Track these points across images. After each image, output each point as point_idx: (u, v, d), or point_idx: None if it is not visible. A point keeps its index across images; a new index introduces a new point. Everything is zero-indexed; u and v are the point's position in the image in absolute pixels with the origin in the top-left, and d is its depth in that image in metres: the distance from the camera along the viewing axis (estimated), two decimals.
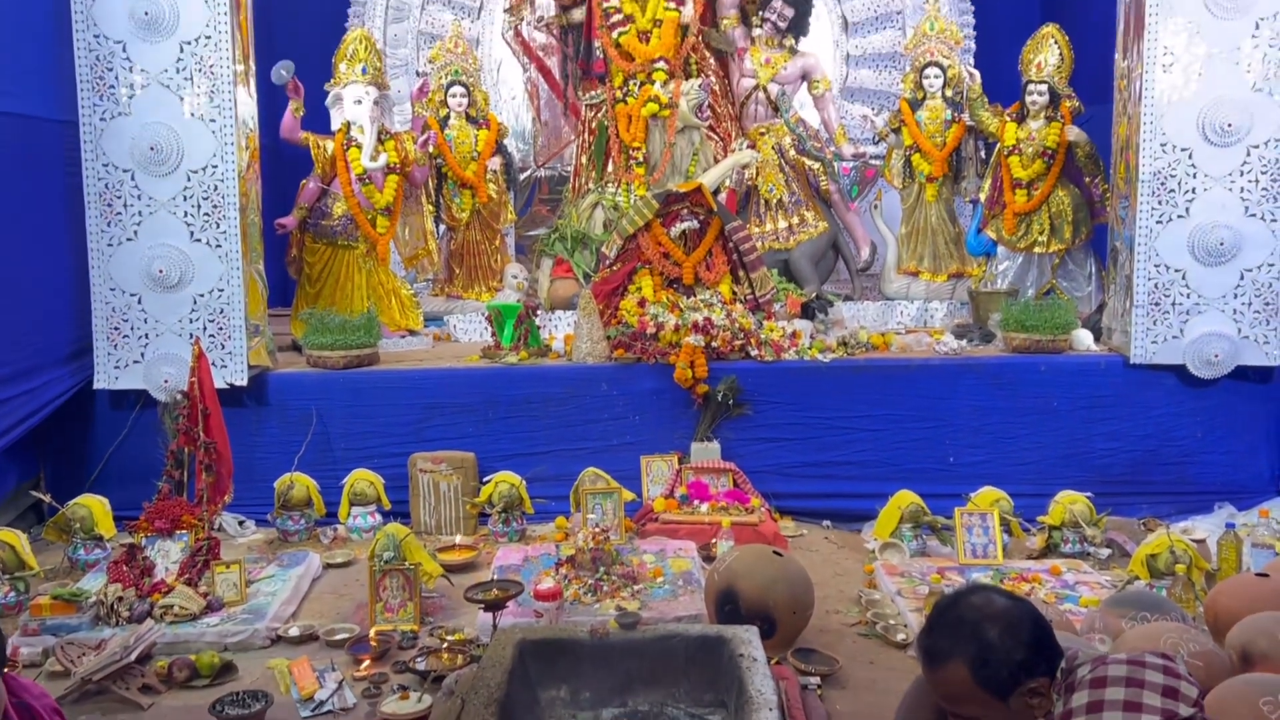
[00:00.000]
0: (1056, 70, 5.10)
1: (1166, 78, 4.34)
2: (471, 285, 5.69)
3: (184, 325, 4.30)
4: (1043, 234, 5.19)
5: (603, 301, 4.81)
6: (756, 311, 4.83)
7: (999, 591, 1.81)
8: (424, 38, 6.32)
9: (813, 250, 5.73)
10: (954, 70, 5.59)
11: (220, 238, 4.28)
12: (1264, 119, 4.28)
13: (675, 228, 4.92)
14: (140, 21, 4.15)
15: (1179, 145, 4.35)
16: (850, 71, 6.57)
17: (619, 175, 5.65)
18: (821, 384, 4.50)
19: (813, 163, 5.82)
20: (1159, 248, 4.40)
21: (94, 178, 4.22)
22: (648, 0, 5.48)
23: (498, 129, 5.70)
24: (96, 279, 4.27)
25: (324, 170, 4.96)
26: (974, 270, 5.55)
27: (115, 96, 4.20)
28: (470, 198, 5.61)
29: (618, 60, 5.55)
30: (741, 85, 5.89)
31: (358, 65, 4.94)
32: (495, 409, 4.46)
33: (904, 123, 5.65)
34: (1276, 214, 4.33)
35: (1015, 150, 5.18)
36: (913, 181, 5.70)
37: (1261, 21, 4.26)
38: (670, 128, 5.53)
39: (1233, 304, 4.40)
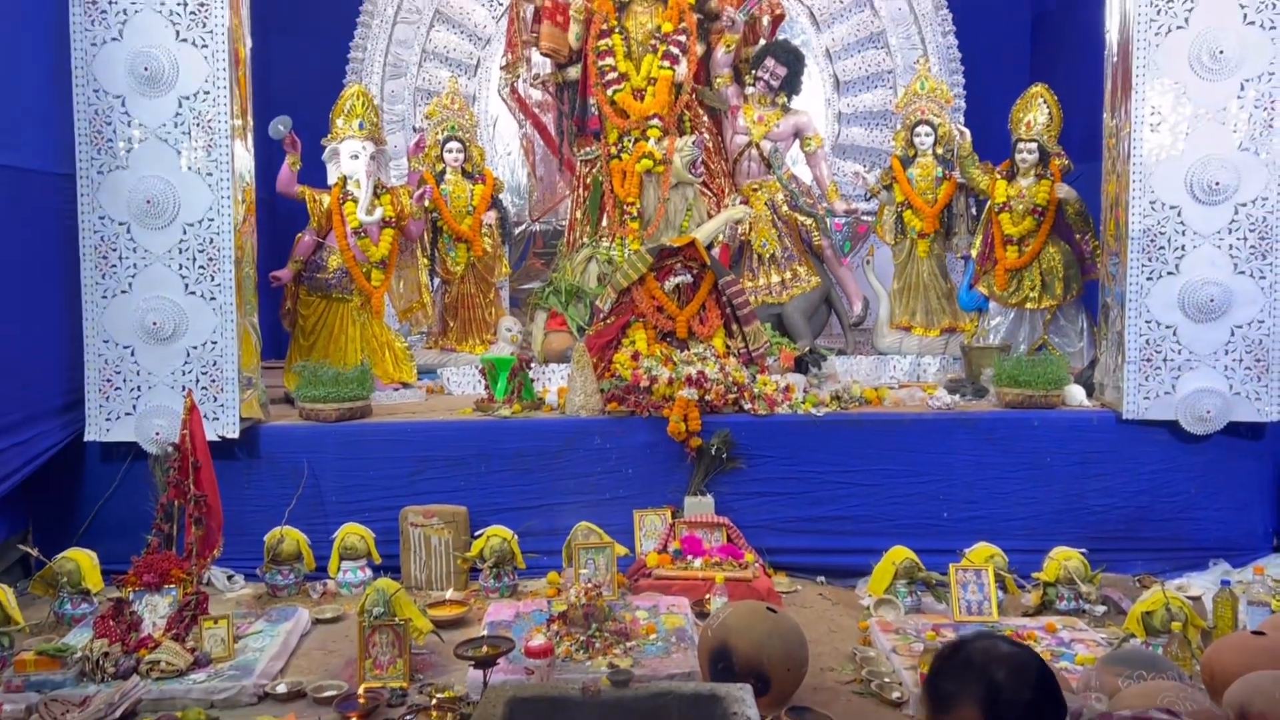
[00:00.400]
0: (1045, 129, 5.16)
1: (1154, 137, 4.39)
2: (465, 338, 5.70)
3: (177, 378, 4.30)
4: (1034, 290, 5.23)
5: (596, 355, 4.81)
6: (750, 365, 4.84)
7: (1002, 637, 1.80)
8: (421, 94, 6.40)
9: (806, 305, 5.76)
10: (944, 128, 5.66)
11: (215, 290, 4.29)
12: (1251, 178, 4.34)
13: (669, 282, 4.95)
14: (140, 77, 4.19)
15: (1168, 203, 4.39)
16: (842, 129, 6.66)
17: (613, 230, 5.68)
18: (815, 438, 4.50)
19: (805, 218, 5.86)
20: (1150, 304, 4.43)
21: (90, 230, 4.24)
22: (642, 59, 5.55)
23: (493, 184, 5.75)
24: (90, 331, 4.27)
25: (320, 224, 4.99)
26: (966, 326, 5.58)
27: (113, 150, 4.23)
28: (465, 251, 5.64)
29: (613, 117, 5.61)
30: (735, 142, 5.95)
31: (355, 120, 4.99)
32: (488, 462, 4.44)
33: (895, 180, 5.71)
34: (1265, 271, 4.37)
35: (1006, 207, 5.23)
36: (904, 237, 5.74)
37: (1246, 83, 4.33)
38: (664, 183, 5.58)
39: (1224, 360, 4.42)
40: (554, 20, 5.81)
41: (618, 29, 5.57)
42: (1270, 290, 4.37)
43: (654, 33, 5.55)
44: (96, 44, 4.20)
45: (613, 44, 5.57)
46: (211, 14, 4.22)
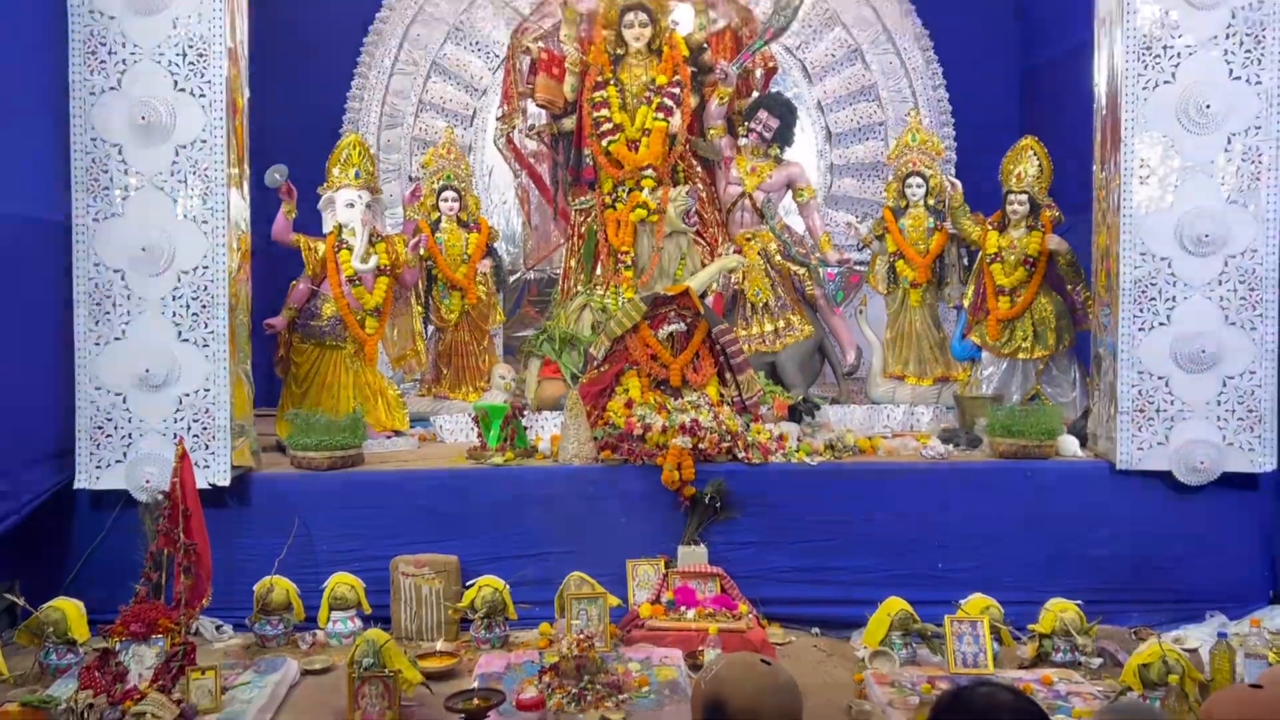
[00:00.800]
0: (1036, 181, 5.21)
1: (1144, 189, 4.44)
2: (459, 386, 5.69)
3: (168, 425, 4.28)
4: (1026, 340, 5.24)
5: (590, 402, 4.81)
6: (743, 414, 4.83)
7: (1002, 685, 1.78)
8: (417, 144, 6.45)
9: (799, 354, 5.77)
10: (936, 180, 5.71)
11: (208, 337, 4.29)
12: (1240, 230, 4.37)
13: (663, 330, 4.96)
14: (138, 126, 4.22)
15: (1158, 254, 4.43)
16: (834, 180, 6.72)
17: (607, 278, 5.71)
18: (809, 488, 4.49)
19: (798, 268, 5.89)
20: (1142, 355, 4.45)
21: (84, 277, 4.24)
22: (637, 110, 5.61)
23: (488, 232, 5.78)
24: (82, 378, 4.26)
25: (314, 271, 5.00)
26: (959, 375, 5.59)
27: (110, 198, 4.25)
28: (459, 299, 5.65)
29: (607, 167, 5.66)
30: (728, 192, 6.00)
31: (351, 170, 5.03)
32: (480, 511, 4.41)
33: (888, 230, 5.75)
34: (1256, 323, 4.39)
35: (997, 258, 5.26)
36: (897, 287, 5.77)
37: (1233, 137, 4.38)
38: (658, 233, 5.62)
39: (1216, 411, 4.43)
40: (550, 72, 5.88)
41: (613, 81, 5.64)
42: (1261, 342, 4.39)
43: (648, 85, 5.62)
44: (95, 93, 4.24)
45: (608, 96, 5.63)
46: (210, 64, 4.26)
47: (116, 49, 4.24)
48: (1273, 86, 4.34)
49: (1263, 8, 4.33)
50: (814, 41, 6.69)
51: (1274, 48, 4.33)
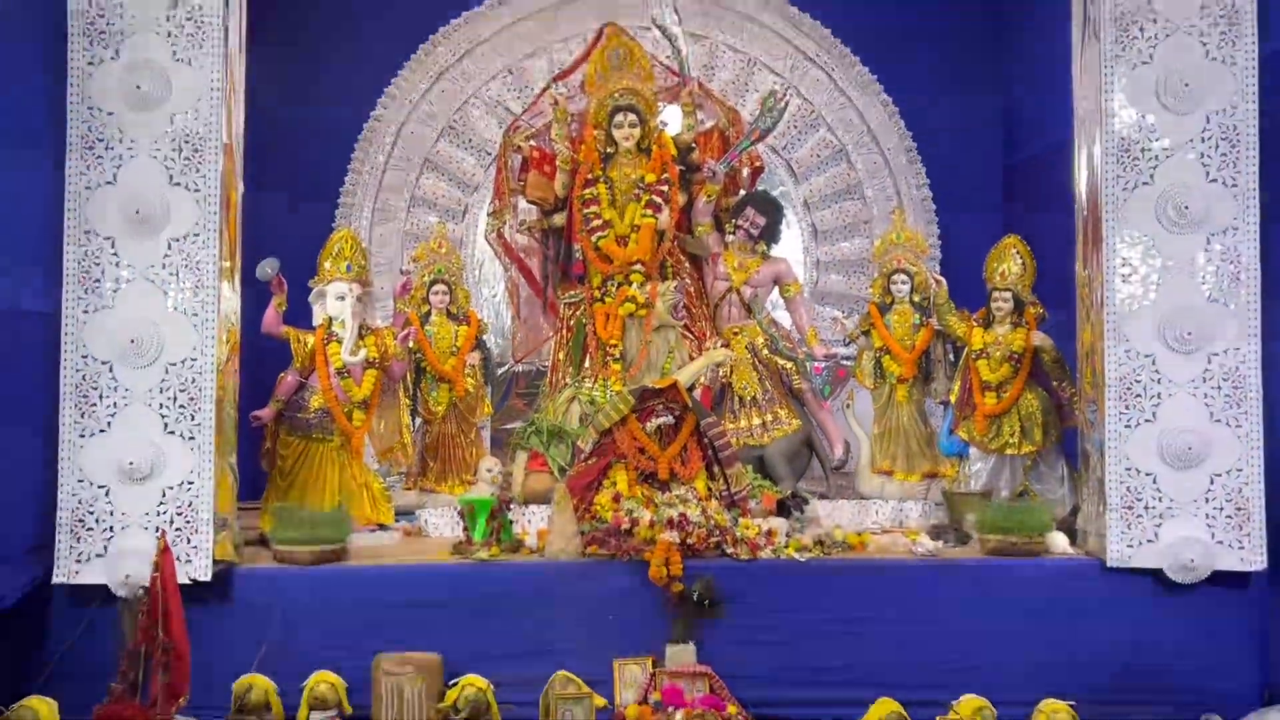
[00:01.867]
0: (1019, 278, 5.28)
1: (1126, 287, 4.50)
2: (445, 479, 5.65)
3: (151, 518, 4.23)
4: (1013, 436, 5.26)
5: (577, 496, 4.78)
6: (732, 508, 4.81)
7: None
8: (409, 238, 6.52)
9: (787, 447, 5.76)
10: (921, 277, 5.78)
11: (194, 430, 4.27)
12: (1222, 328, 4.42)
13: (651, 423, 4.96)
14: (132, 219, 4.25)
15: (1142, 352, 4.47)
16: (820, 276, 6.81)
17: (596, 371, 5.72)
18: (798, 585, 4.44)
19: (785, 362, 5.93)
20: (1129, 451, 4.46)
21: (71, 369, 4.23)
22: (626, 207, 5.69)
23: (478, 325, 5.80)
24: (65, 471, 4.22)
25: (303, 364, 5.01)
26: (948, 471, 5.58)
27: (100, 290, 4.26)
28: (447, 391, 5.65)
29: (596, 262, 5.72)
30: (716, 287, 6.06)
31: (343, 263, 5.06)
32: (464, 608, 4.35)
33: (874, 325, 5.79)
34: (1241, 420, 4.41)
35: (983, 354, 5.30)
36: (884, 382, 5.80)
37: (1212, 237, 4.46)
38: (647, 327, 5.66)
39: (1205, 508, 4.42)
40: (541, 169, 5.98)
41: (603, 179, 5.73)
42: (1247, 439, 4.41)
43: (638, 182, 5.71)
44: (91, 186, 4.28)
45: (598, 193, 5.71)
46: (205, 160, 4.32)
47: (114, 144, 4.29)
48: (1249, 189, 4.44)
49: (1236, 113, 4.45)
50: (799, 142, 6.84)
51: (1249, 152, 4.43)
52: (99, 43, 4.30)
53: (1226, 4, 4.47)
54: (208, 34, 4.34)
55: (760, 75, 6.75)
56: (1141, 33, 4.51)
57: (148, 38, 4.31)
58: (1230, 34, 4.47)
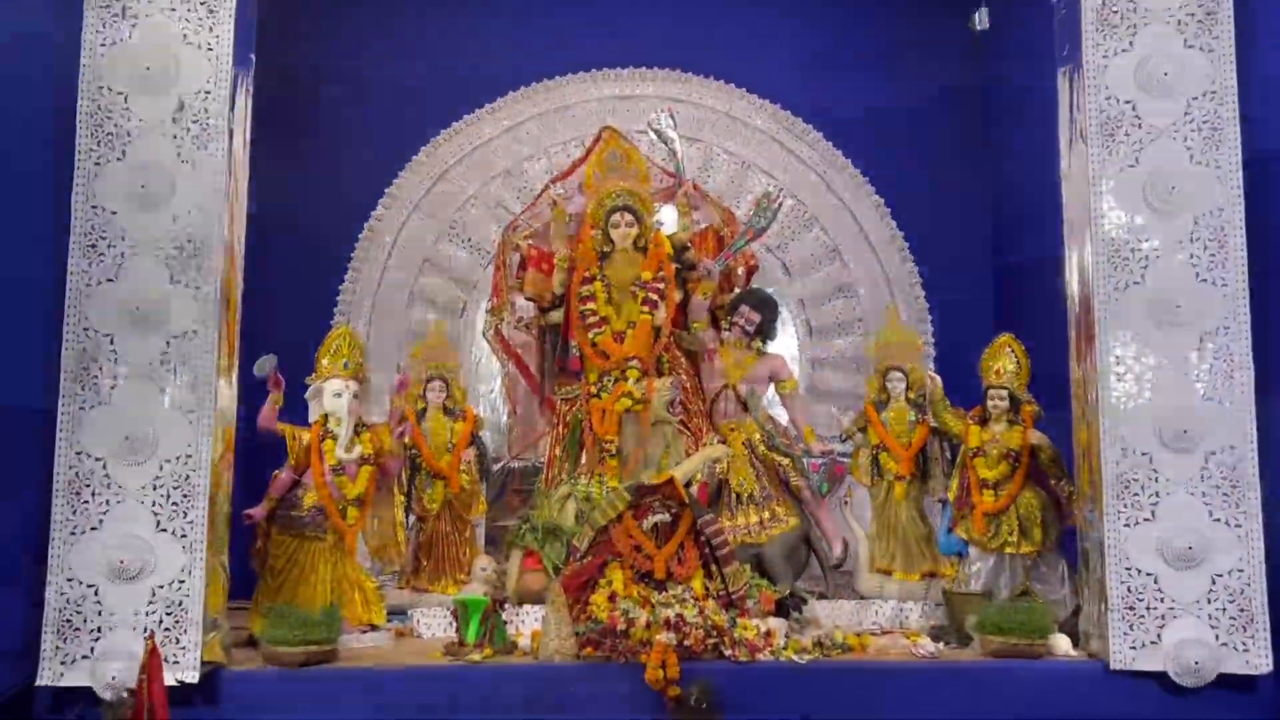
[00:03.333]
0: (1014, 376, 5.31)
1: (1121, 385, 4.52)
2: (438, 578, 5.58)
3: (139, 618, 4.16)
4: (1013, 535, 5.21)
5: (572, 596, 4.71)
6: (729, 608, 4.74)
7: None
8: (407, 334, 6.56)
9: (785, 545, 5.71)
10: (916, 374, 5.80)
11: (187, 527, 4.23)
12: (1217, 427, 4.43)
13: (647, 520, 4.91)
14: (132, 316, 4.28)
15: (1139, 450, 4.46)
16: (816, 373, 6.84)
17: (592, 467, 5.70)
18: (798, 687, 4.36)
19: (782, 459, 5.91)
20: (1129, 551, 4.43)
21: (65, 466, 4.21)
22: (622, 304, 5.75)
23: (474, 421, 5.80)
24: (54, 570, 4.16)
25: (298, 461, 4.98)
26: (947, 570, 5.53)
27: (97, 387, 4.26)
28: (442, 488, 5.62)
29: (593, 358, 5.75)
30: (712, 384, 6.08)
31: (340, 360, 5.08)
32: (456, 712, 4.25)
33: (870, 423, 5.80)
34: (1240, 519, 4.39)
35: (980, 452, 5.29)
36: (881, 479, 5.78)
37: (1205, 336, 4.49)
38: (643, 422, 5.65)
39: (1207, 609, 4.37)
40: (539, 268, 6.06)
41: (600, 276, 5.79)
42: (1247, 538, 4.38)
43: (634, 280, 5.77)
44: (92, 284, 4.30)
45: (595, 290, 5.77)
46: (206, 258, 4.35)
47: (116, 242, 4.33)
48: (1238, 289, 4.49)
49: (1223, 215, 4.53)
50: (793, 241, 6.94)
51: (1237, 253, 4.50)
52: (105, 143, 4.37)
53: (1208, 110, 4.59)
54: (212, 136, 4.42)
55: (754, 177, 6.89)
56: (1127, 137, 4.62)
57: (154, 139, 4.39)
58: (1214, 139, 4.58)
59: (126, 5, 4.44)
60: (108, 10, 4.43)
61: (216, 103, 4.44)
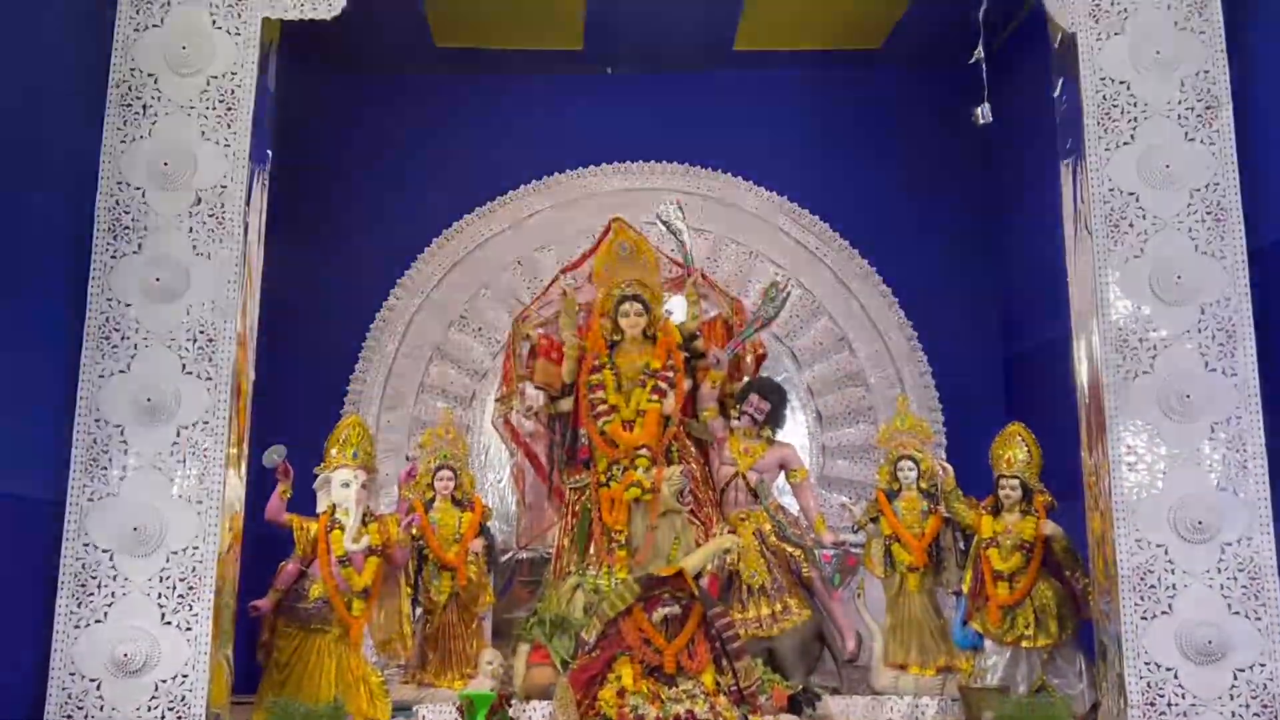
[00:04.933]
0: (1026, 466, 5.27)
1: (1133, 475, 4.48)
2: (444, 672, 5.49)
3: (142, 713, 4.10)
4: (1029, 628, 5.12)
5: (580, 691, 4.63)
6: (741, 704, 4.65)
7: None
8: (416, 423, 6.58)
9: (798, 639, 5.62)
10: (927, 463, 5.76)
11: (192, 620, 4.19)
12: (1233, 518, 4.38)
13: (657, 613, 4.85)
14: (143, 407, 4.30)
15: (1154, 541, 4.41)
16: (827, 461, 6.81)
17: (601, 558, 5.65)
18: None
19: (794, 549, 5.85)
20: (1147, 645, 4.34)
21: (72, 558, 4.19)
22: (631, 393, 5.75)
23: (482, 511, 5.76)
24: (57, 664, 4.12)
25: (305, 551, 4.95)
26: (963, 664, 5.42)
27: (106, 478, 4.27)
28: (450, 579, 5.57)
29: (602, 447, 5.74)
30: (722, 473, 6.05)
31: (349, 449, 5.08)
32: None
33: (881, 512, 5.75)
34: (1260, 612, 4.31)
35: (993, 543, 5.23)
36: (894, 571, 5.70)
37: (1216, 425, 4.47)
38: (652, 512, 5.60)
39: (1230, 705, 4.27)
40: (549, 356, 6.08)
41: (609, 365, 5.82)
42: (1268, 632, 4.30)
43: (643, 369, 5.79)
44: (105, 375, 4.35)
45: (604, 379, 5.79)
46: (219, 349, 4.41)
47: (129, 334, 4.39)
48: (1249, 378, 4.48)
49: (1230, 305, 4.55)
50: (802, 330, 6.97)
51: (1246, 343, 4.50)
52: (122, 237, 4.45)
53: (1211, 201, 4.64)
54: (228, 229, 4.50)
55: (762, 266, 6.95)
56: (1131, 228, 4.66)
57: (170, 234, 4.48)
58: (1218, 229, 4.61)
59: (147, 103, 4.56)
60: (129, 109, 4.55)
61: (233, 198, 4.53)
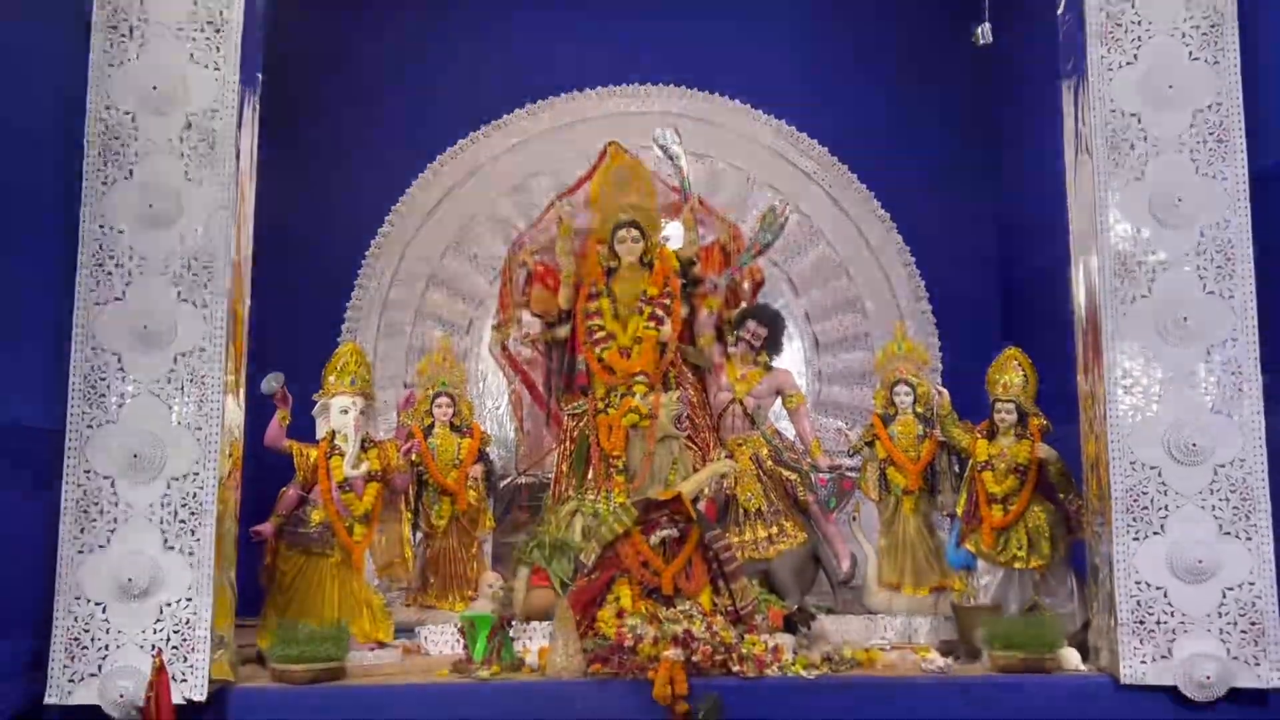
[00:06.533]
0: (1022, 390, 5.29)
1: (1128, 399, 4.49)
2: (446, 595, 5.58)
3: (147, 636, 4.16)
4: (1021, 549, 5.19)
5: (580, 612, 4.70)
6: (737, 624, 4.72)
7: None
8: (414, 352, 6.59)
9: (793, 561, 5.70)
10: (923, 388, 5.79)
11: (194, 545, 4.23)
12: (1226, 440, 4.40)
13: (655, 536, 4.90)
14: (140, 335, 4.29)
15: (1148, 463, 4.44)
16: (823, 387, 6.84)
17: (599, 483, 5.71)
18: (806, 704, 4.33)
19: (790, 474, 5.90)
20: (1138, 565, 4.40)
21: (74, 485, 4.22)
22: (629, 320, 5.76)
23: (481, 437, 5.80)
24: (62, 588, 4.16)
25: (305, 477, 4.99)
26: (956, 584, 5.51)
27: (105, 405, 4.28)
28: (449, 504, 5.62)
29: (600, 374, 5.76)
30: (719, 399, 6.08)
31: (347, 377, 5.09)
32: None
33: (877, 437, 5.79)
34: (1250, 533, 4.36)
35: (988, 466, 5.28)
36: (889, 494, 5.76)
37: (1212, 348, 4.47)
38: (650, 438, 5.65)
39: (1218, 623, 4.34)
40: (545, 284, 6.08)
41: (606, 292, 5.81)
42: (1257, 551, 4.35)
43: (640, 296, 5.79)
44: (100, 303, 4.32)
45: (601, 306, 5.79)
46: (213, 276, 4.38)
47: (124, 261, 4.35)
48: (1246, 302, 4.47)
49: (1229, 228, 4.52)
50: (799, 256, 6.95)
51: (1244, 266, 4.48)
52: (113, 163, 4.40)
53: (1214, 122, 4.58)
54: (220, 154, 4.44)
55: (760, 192, 6.91)
56: (1132, 150, 4.61)
57: (161, 158, 4.41)
58: (1219, 151, 4.56)
59: (134, 26, 4.47)
60: (115, 31, 4.46)
61: (224, 122, 4.46)
